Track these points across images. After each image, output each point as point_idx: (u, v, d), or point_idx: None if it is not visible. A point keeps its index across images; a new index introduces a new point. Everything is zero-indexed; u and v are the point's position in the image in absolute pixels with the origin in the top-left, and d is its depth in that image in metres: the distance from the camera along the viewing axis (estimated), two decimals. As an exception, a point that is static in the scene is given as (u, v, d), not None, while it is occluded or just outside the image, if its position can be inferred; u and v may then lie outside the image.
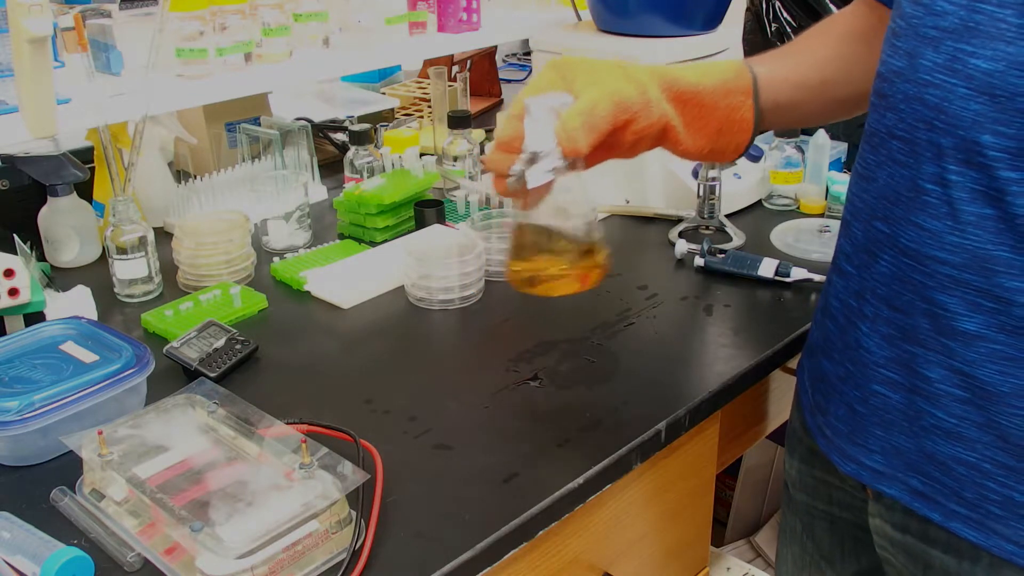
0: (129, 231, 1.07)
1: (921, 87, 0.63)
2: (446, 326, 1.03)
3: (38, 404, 0.77)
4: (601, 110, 0.70)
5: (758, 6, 1.51)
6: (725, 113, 0.77)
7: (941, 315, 0.64)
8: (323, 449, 0.71)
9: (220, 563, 0.63)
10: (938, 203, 0.63)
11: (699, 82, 0.76)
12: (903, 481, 0.70)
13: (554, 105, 0.72)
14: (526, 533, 0.73)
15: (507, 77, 2.10)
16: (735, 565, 1.34)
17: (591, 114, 0.70)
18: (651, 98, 0.73)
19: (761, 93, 0.79)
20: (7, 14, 0.97)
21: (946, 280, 0.63)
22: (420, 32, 1.47)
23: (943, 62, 0.61)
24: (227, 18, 1.22)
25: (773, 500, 1.82)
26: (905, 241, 0.65)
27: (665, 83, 0.75)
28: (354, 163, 1.33)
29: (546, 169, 0.73)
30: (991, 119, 0.58)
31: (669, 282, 1.11)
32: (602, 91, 0.71)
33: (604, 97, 0.70)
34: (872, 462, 0.72)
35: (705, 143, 0.78)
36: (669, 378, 0.91)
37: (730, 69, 0.78)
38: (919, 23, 0.63)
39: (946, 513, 0.67)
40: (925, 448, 0.67)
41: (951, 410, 0.65)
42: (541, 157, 0.72)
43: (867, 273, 0.70)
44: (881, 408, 0.70)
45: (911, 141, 0.64)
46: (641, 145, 0.76)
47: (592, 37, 1.32)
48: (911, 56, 0.63)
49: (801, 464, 0.87)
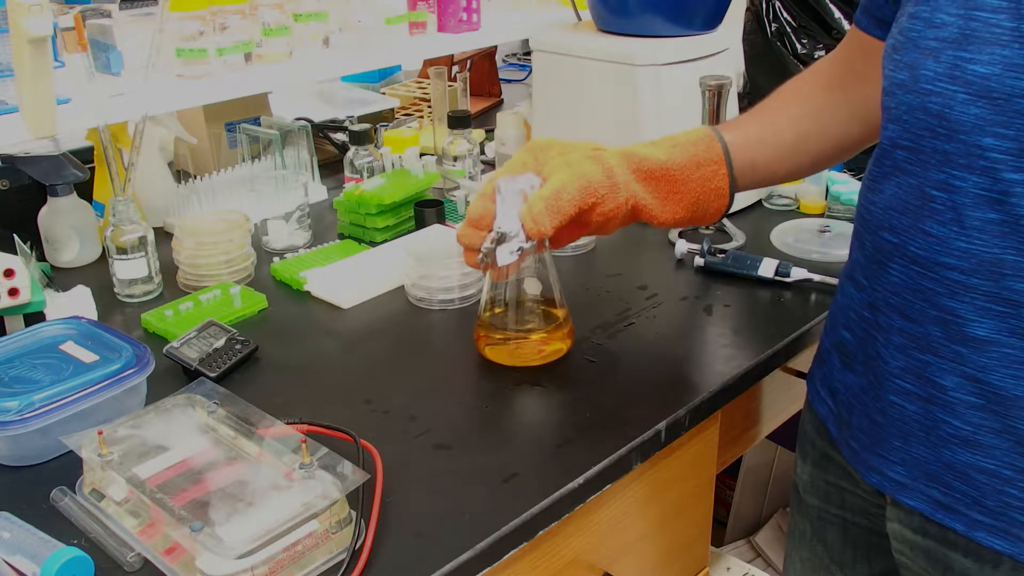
0: (129, 231, 1.07)
1: (923, 96, 0.63)
2: (446, 326, 1.03)
3: (38, 404, 0.77)
4: (566, 195, 0.77)
5: (758, 6, 1.51)
6: (698, 184, 0.82)
7: (952, 321, 0.64)
8: (323, 449, 0.71)
9: (220, 563, 0.63)
10: (944, 209, 0.63)
11: (668, 159, 0.81)
12: (924, 492, 0.70)
13: (523, 187, 0.82)
14: (526, 533, 0.73)
15: (507, 77, 2.10)
16: (735, 565, 1.34)
17: (556, 199, 0.77)
18: (618, 181, 0.79)
19: (734, 159, 0.83)
20: (7, 14, 0.97)
21: (955, 286, 0.63)
22: (420, 32, 1.47)
23: (944, 71, 0.62)
24: (227, 18, 1.22)
25: (773, 500, 1.82)
26: (914, 249, 0.66)
27: (633, 164, 0.80)
28: (354, 163, 1.33)
29: (513, 249, 0.81)
30: (991, 122, 0.59)
31: (669, 282, 1.11)
32: (570, 175, 0.78)
33: (571, 181, 0.77)
34: (894, 473, 0.72)
35: (683, 214, 0.83)
36: (669, 378, 0.91)
37: (700, 141, 0.82)
38: (918, 36, 0.64)
39: (969, 523, 0.67)
40: (944, 458, 0.67)
41: (967, 418, 0.65)
42: (509, 238, 0.80)
43: (878, 284, 0.70)
44: (899, 419, 0.70)
45: (916, 150, 0.65)
46: (610, 225, 0.82)
47: (592, 37, 1.32)
48: (912, 68, 0.64)
49: (814, 469, 0.86)
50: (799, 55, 1.47)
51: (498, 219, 0.82)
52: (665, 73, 1.26)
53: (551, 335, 0.92)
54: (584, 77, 1.31)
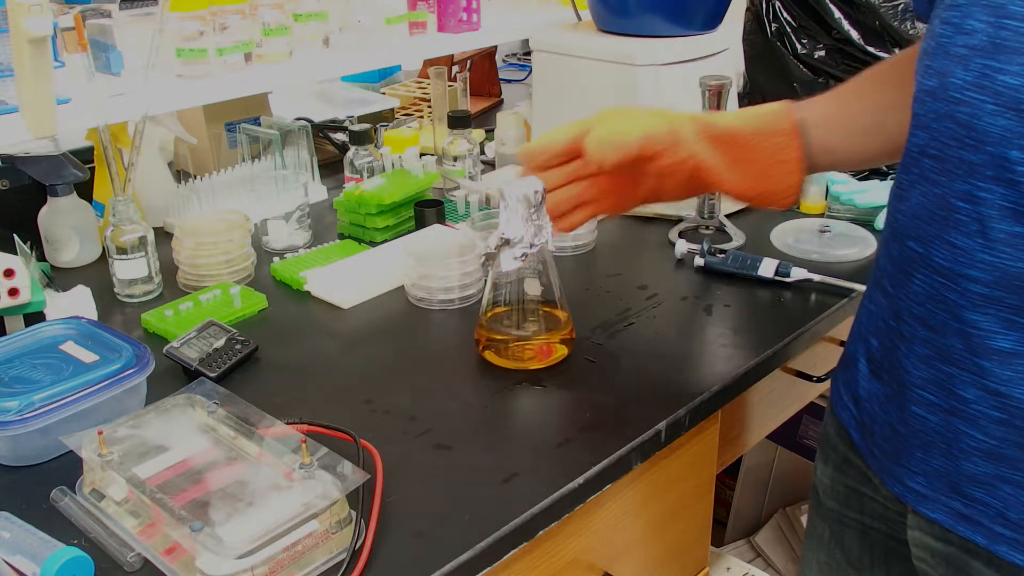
0: (129, 231, 1.07)
1: (952, 105, 0.62)
2: (446, 326, 1.03)
3: (38, 404, 0.77)
4: (629, 135, 0.76)
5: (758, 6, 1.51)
6: (768, 153, 0.79)
7: (974, 334, 0.63)
8: (323, 449, 0.71)
9: (220, 563, 0.63)
10: (969, 221, 0.62)
11: (738, 124, 0.79)
12: (946, 504, 0.69)
13: (527, 193, 0.80)
14: (526, 533, 0.73)
15: (507, 77, 2.10)
16: (735, 565, 1.34)
17: (619, 134, 0.76)
18: (681, 137, 0.77)
19: (811, 133, 0.80)
20: (7, 14, 0.97)
21: (978, 299, 0.62)
22: (420, 32, 1.47)
23: (972, 80, 0.60)
24: (227, 18, 1.22)
25: (773, 500, 1.82)
26: (938, 260, 0.65)
27: (701, 125, 0.79)
28: (354, 163, 1.33)
29: (516, 256, 0.82)
30: (1018, 134, 0.58)
31: (669, 282, 1.11)
32: (634, 124, 0.77)
33: (636, 128, 0.76)
34: (915, 484, 0.71)
35: (752, 183, 0.80)
36: (669, 378, 0.91)
37: (771, 111, 0.80)
38: (949, 42, 0.63)
39: (991, 536, 0.67)
40: (966, 470, 0.67)
41: (989, 431, 0.64)
42: (514, 243, 0.79)
43: (903, 292, 0.69)
44: (920, 430, 0.69)
45: (942, 159, 0.64)
46: (669, 183, 0.80)
47: (592, 37, 1.32)
48: (941, 75, 0.63)
49: (835, 473, 0.86)
50: (799, 55, 1.47)
51: (502, 224, 0.82)
52: (665, 73, 1.26)
53: (552, 338, 0.92)
54: (584, 77, 1.31)
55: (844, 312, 1.06)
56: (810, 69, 1.47)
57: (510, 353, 0.92)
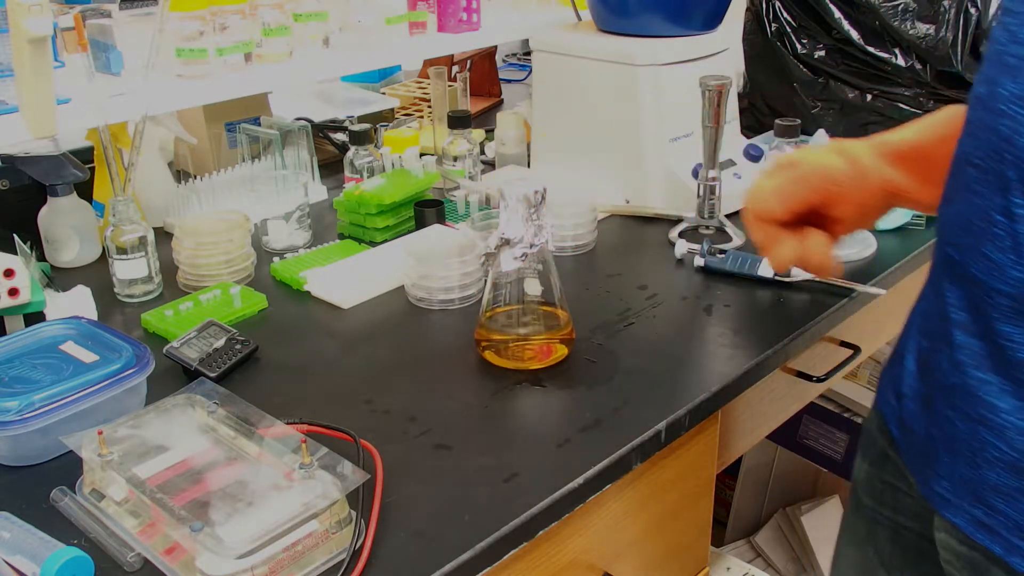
0: (129, 231, 1.07)
1: (996, 116, 0.61)
2: (446, 326, 1.03)
3: (38, 404, 0.77)
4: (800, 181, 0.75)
5: (758, 6, 1.51)
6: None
7: (1007, 346, 0.63)
8: (323, 449, 0.71)
9: (220, 563, 0.63)
10: (1004, 235, 0.61)
11: (917, 138, 0.78)
12: (967, 511, 0.69)
13: (527, 193, 0.80)
14: (526, 533, 0.73)
15: (507, 77, 2.10)
16: (735, 565, 1.34)
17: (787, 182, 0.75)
18: (865, 166, 0.76)
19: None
20: (7, 14, 0.97)
21: (1009, 312, 0.62)
22: (420, 32, 1.47)
23: (1019, 92, 0.58)
24: (227, 18, 1.22)
25: (773, 500, 1.82)
26: (973, 270, 0.64)
27: (881, 148, 0.77)
28: (354, 163, 1.33)
29: (516, 256, 0.83)
30: None
31: (669, 282, 1.11)
32: (808, 166, 0.76)
33: (808, 171, 0.76)
34: (940, 488, 0.71)
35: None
36: (669, 378, 0.91)
37: (947, 118, 0.78)
38: (1003, 50, 0.61)
39: (1008, 547, 0.66)
40: (988, 480, 0.66)
41: (1015, 443, 0.64)
42: (514, 243, 0.80)
43: (949, 296, 0.69)
44: (949, 436, 0.69)
45: (984, 170, 0.62)
46: (869, 216, 0.79)
47: (592, 37, 1.32)
48: (991, 84, 0.62)
49: (871, 467, 0.85)
50: (799, 55, 1.47)
51: (502, 224, 0.82)
52: (665, 73, 1.26)
53: (552, 338, 0.92)
54: (584, 77, 1.31)
55: (844, 312, 1.06)
56: (810, 69, 1.48)
57: (510, 353, 0.92)
